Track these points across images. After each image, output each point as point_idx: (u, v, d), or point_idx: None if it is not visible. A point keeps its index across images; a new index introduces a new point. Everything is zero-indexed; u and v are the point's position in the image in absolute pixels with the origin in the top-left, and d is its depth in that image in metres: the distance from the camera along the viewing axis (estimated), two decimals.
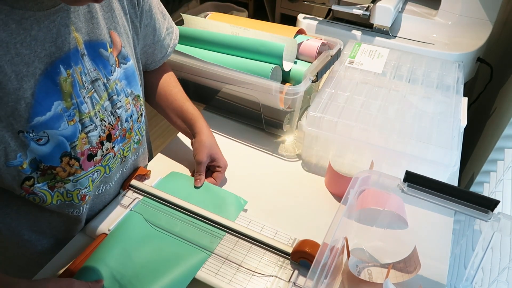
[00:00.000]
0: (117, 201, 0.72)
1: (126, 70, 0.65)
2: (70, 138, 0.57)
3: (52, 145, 0.55)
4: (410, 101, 0.84)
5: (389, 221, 0.67)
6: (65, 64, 0.54)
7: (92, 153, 0.61)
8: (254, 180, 0.82)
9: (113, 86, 0.62)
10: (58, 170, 0.58)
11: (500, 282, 0.64)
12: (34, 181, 0.58)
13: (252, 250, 0.65)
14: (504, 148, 0.90)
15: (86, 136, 0.59)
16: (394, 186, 0.58)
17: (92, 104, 0.59)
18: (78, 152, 0.59)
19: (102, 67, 0.60)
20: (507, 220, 0.53)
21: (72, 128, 0.57)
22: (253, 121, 0.94)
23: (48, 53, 0.52)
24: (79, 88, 0.57)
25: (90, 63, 0.58)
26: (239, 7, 2.74)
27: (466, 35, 1.14)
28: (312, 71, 0.83)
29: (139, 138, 0.74)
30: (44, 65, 0.52)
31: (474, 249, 0.59)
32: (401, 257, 0.64)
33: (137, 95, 0.69)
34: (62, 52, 0.53)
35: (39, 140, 0.54)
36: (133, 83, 0.67)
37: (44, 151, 0.55)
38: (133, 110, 0.68)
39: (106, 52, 0.60)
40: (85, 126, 0.59)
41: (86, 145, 0.60)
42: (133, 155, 0.75)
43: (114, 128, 0.64)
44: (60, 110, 0.55)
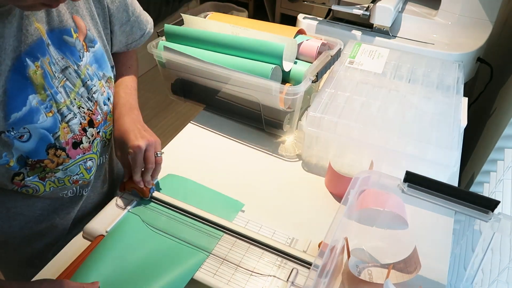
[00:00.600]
0: (114, 202, 0.72)
1: (95, 53, 0.64)
2: (51, 130, 0.57)
3: (35, 139, 0.56)
4: (410, 101, 0.84)
5: (389, 221, 0.67)
6: (31, 56, 0.53)
7: (76, 141, 0.61)
8: (254, 180, 0.81)
9: (85, 72, 0.62)
10: (47, 162, 0.58)
11: (500, 282, 0.63)
12: (24, 176, 0.58)
13: (250, 250, 0.65)
14: (504, 148, 0.90)
15: (67, 125, 0.59)
16: (394, 186, 0.58)
17: (66, 93, 0.59)
18: (62, 142, 0.59)
19: (70, 54, 0.59)
20: (507, 220, 0.53)
21: (51, 120, 0.57)
22: (253, 121, 0.94)
23: (13, 48, 0.51)
24: (51, 79, 0.56)
25: (56, 52, 0.57)
26: (239, 7, 2.74)
27: (466, 35, 1.14)
28: (312, 71, 0.83)
29: None
30: (11, 61, 0.51)
31: (474, 249, 0.59)
32: (401, 257, 0.64)
33: (109, 76, 0.68)
34: (25, 45, 0.53)
35: (21, 137, 0.54)
36: (103, 65, 0.66)
37: (29, 147, 0.55)
38: (108, 92, 0.68)
39: (71, 38, 0.59)
40: (64, 115, 0.59)
41: (69, 134, 0.60)
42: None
43: (95, 113, 0.64)
44: (36, 103, 0.55)
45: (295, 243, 0.67)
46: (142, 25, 0.76)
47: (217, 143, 0.90)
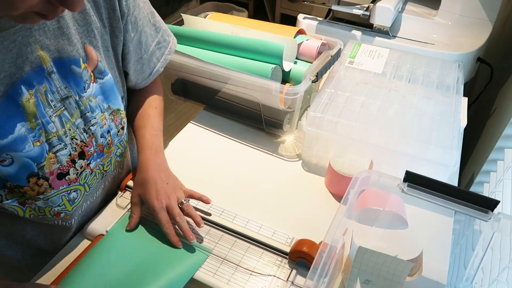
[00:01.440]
0: (114, 202, 0.72)
1: (102, 85, 0.62)
2: (36, 159, 0.55)
3: (17, 166, 0.54)
4: (410, 101, 0.84)
5: (389, 221, 0.67)
6: (26, 84, 0.51)
7: (62, 172, 0.59)
8: (253, 180, 0.81)
9: (86, 103, 0.60)
10: (26, 189, 0.56)
11: (500, 282, 0.64)
12: (2, 198, 0.56)
13: (250, 250, 0.65)
14: (504, 148, 0.90)
15: (55, 155, 0.57)
16: (394, 186, 0.58)
17: (61, 122, 0.57)
18: (46, 172, 0.57)
19: (74, 84, 0.57)
20: (507, 220, 0.53)
21: (38, 149, 0.55)
22: (253, 121, 0.94)
23: (8, 74, 0.49)
24: (43, 108, 0.54)
25: (60, 81, 0.55)
26: (239, 7, 2.74)
27: (466, 35, 1.14)
28: (312, 71, 0.83)
29: (121, 151, 0.72)
30: (4, 87, 0.49)
31: (474, 249, 0.59)
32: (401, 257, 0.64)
33: (116, 109, 0.66)
34: (23, 72, 0.51)
35: (2, 162, 0.52)
36: (111, 97, 0.64)
37: (9, 172, 0.54)
38: (110, 125, 0.66)
39: (78, 68, 0.57)
40: (53, 145, 0.57)
41: (55, 165, 0.58)
42: (116, 169, 0.73)
43: (88, 145, 0.62)
44: (24, 131, 0.53)
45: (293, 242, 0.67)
46: (151, 64, 0.74)
47: (217, 143, 0.90)
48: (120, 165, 0.74)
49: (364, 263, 0.58)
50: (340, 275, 0.63)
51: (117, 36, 0.63)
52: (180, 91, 1.00)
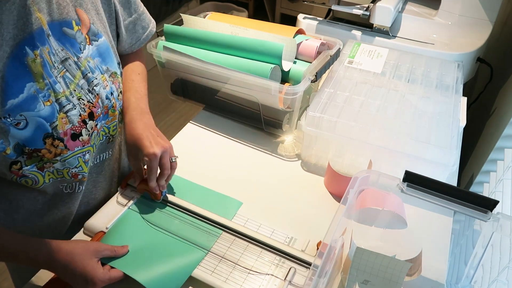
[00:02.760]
0: (115, 199, 0.72)
1: (98, 47, 0.64)
2: (49, 119, 0.57)
3: (32, 127, 0.56)
4: (409, 101, 0.84)
5: (389, 220, 0.67)
6: (30, 45, 0.54)
7: (75, 133, 0.61)
8: (253, 179, 0.81)
9: (85, 64, 0.62)
10: (44, 152, 0.58)
11: (500, 281, 0.63)
12: (22, 165, 0.58)
13: (248, 249, 0.65)
14: (504, 148, 0.90)
15: (66, 115, 0.59)
16: (394, 186, 0.58)
17: (65, 83, 0.59)
18: (60, 132, 0.59)
19: (70, 46, 0.59)
20: (506, 220, 0.53)
21: (49, 109, 0.57)
22: (253, 121, 0.94)
23: (12, 35, 0.52)
24: (50, 68, 0.56)
25: (56, 43, 0.58)
26: (239, 7, 2.74)
27: (466, 35, 1.14)
28: (311, 71, 0.83)
29: (122, 117, 0.73)
30: (10, 48, 0.52)
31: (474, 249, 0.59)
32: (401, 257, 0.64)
33: (113, 72, 0.68)
34: (25, 33, 0.53)
35: (18, 125, 0.54)
36: (108, 59, 0.66)
37: (26, 135, 0.56)
38: (112, 87, 0.68)
39: (71, 30, 0.59)
40: (63, 105, 0.59)
41: (67, 125, 0.60)
42: (120, 135, 0.75)
43: (96, 106, 0.64)
44: (34, 91, 0.55)
45: (293, 242, 0.67)
46: (145, 24, 0.77)
47: (216, 143, 0.90)
48: (122, 132, 0.76)
49: (362, 263, 0.58)
50: (340, 274, 0.63)
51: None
52: (179, 91, 1.00)
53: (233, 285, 0.60)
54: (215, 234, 0.67)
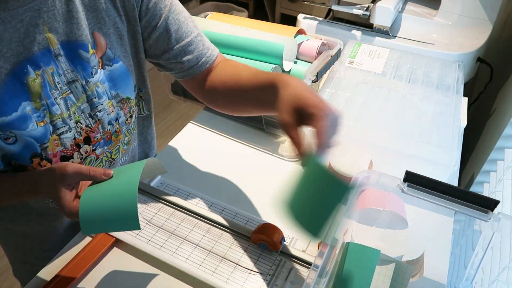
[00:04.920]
0: None
1: (111, 72, 0.62)
2: (40, 140, 0.56)
3: (21, 145, 0.55)
4: (410, 101, 0.84)
5: (389, 221, 0.67)
6: (33, 64, 0.53)
7: (66, 155, 0.60)
8: (253, 179, 0.81)
9: (93, 89, 0.60)
10: (30, 169, 0.58)
11: (500, 282, 0.63)
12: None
13: (249, 249, 0.65)
14: (504, 148, 0.90)
15: (59, 138, 0.58)
16: (394, 186, 0.58)
17: (66, 105, 0.58)
18: (49, 154, 0.58)
19: (81, 69, 0.58)
20: (507, 220, 0.53)
21: (42, 129, 0.56)
22: (253, 121, 0.94)
23: (15, 53, 0.51)
24: (49, 89, 0.55)
25: (66, 64, 0.56)
26: (239, 7, 2.74)
27: (466, 35, 1.14)
28: (312, 71, 0.83)
29: (128, 139, 0.72)
30: (10, 65, 0.51)
31: (474, 249, 0.59)
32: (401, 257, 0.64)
33: (126, 97, 0.66)
34: (30, 52, 0.52)
35: (7, 139, 0.54)
36: (120, 85, 0.64)
37: (13, 150, 0.55)
38: (119, 113, 0.66)
39: (86, 53, 0.58)
40: (57, 127, 0.58)
41: (58, 147, 0.59)
42: (123, 157, 0.73)
43: (94, 131, 0.63)
44: (29, 110, 0.54)
45: (294, 242, 0.67)
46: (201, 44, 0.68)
47: (217, 143, 0.90)
48: (127, 153, 0.75)
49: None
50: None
51: (133, 24, 0.62)
52: (180, 91, 1.00)
53: (234, 285, 0.60)
54: (215, 234, 0.66)
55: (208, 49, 0.68)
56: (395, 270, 0.59)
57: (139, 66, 0.68)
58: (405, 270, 0.57)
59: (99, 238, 0.65)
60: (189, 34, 0.66)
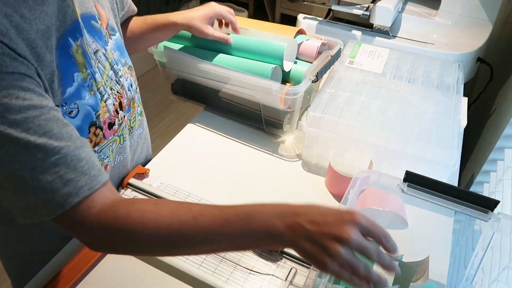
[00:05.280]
0: None
1: (116, 41, 0.67)
2: (94, 107, 0.59)
3: (81, 116, 0.57)
4: (410, 101, 0.84)
5: (389, 221, 0.67)
6: (72, 36, 0.55)
7: (111, 122, 0.63)
8: (253, 180, 0.81)
9: (111, 56, 0.64)
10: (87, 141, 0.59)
11: (500, 282, 0.64)
12: None
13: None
14: (504, 148, 0.90)
15: (106, 104, 0.61)
16: (394, 186, 0.58)
17: (100, 74, 0.61)
18: (101, 121, 0.60)
19: (98, 39, 0.61)
20: (507, 220, 0.53)
21: (94, 98, 0.58)
22: (253, 121, 0.94)
23: (56, 27, 0.53)
24: (90, 59, 0.58)
25: (88, 35, 0.59)
26: (239, 7, 2.74)
27: (466, 35, 1.14)
28: (312, 71, 0.83)
29: (140, 110, 0.75)
30: (56, 39, 0.53)
31: (474, 249, 0.59)
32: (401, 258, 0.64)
33: (130, 65, 0.70)
34: (66, 25, 0.54)
35: (70, 113, 0.55)
36: (124, 53, 0.69)
37: (75, 124, 0.56)
38: (131, 79, 0.69)
39: (97, 24, 0.62)
40: (102, 94, 0.60)
41: (106, 114, 0.61)
42: (138, 128, 0.76)
43: (122, 96, 0.66)
44: (80, 81, 0.56)
45: None
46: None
47: (217, 143, 0.90)
48: (141, 125, 0.77)
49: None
50: None
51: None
52: (180, 91, 1.00)
53: (234, 285, 0.60)
54: None
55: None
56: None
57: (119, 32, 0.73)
58: (408, 269, 0.57)
59: None
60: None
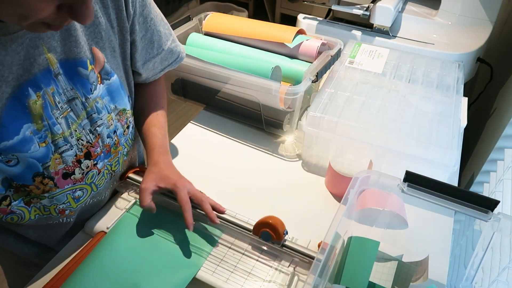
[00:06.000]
0: (113, 202, 0.72)
1: (109, 85, 0.63)
2: (41, 160, 0.56)
3: (23, 166, 0.54)
4: (410, 101, 0.84)
5: (389, 221, 0.67)
6: (34, 86, 0.52)
7: (68, 172, 0.60)
8: (253, 179, 0.81)
9: (92, 105, 0.60)
10: (32, 188, 0.57)
11: (500, 282, 0.63)
12: (11, 200, 0.57)
13: (249, 250, 0.65)
14: (504, 148, 0.90)
15: (60, 156, 0.58)
16: (394, 186, 0.58)
17: (67, 123, 0.57)
18: (51, 172, 0.58)
19: (80, 86, 0.57)
20: (507, 220, 0.53)
21: (44, 150, 0.55)
22: (253, 121, 0.94)
23: (16, 76, 0.50)
24: (51, 110, 0.55)
25: (66, 82, 0.56)
26: (239, 7, 2.74)
27: (466, 35, 1.14)
28: (312, 71, 0.83)
29: (127, 150, 0.72)
30: (12, 89, 0.50)
31: (474, 249, 0.59)
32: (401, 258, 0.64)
33: (122, 109, 0.67)
34: (30, 74, 0.51)
35: (8, 162, 0.53)
36: (117, 98, 0.65)
37: (15, 172, 0.54)
38: (117, 125, 0.66)
39: (85, 70, 0.57)
40: (59, 146, 0.57)
41: (60, 165, 0.58)
42: (123, 168, 0.74)
43: (94, 146, 0.63)
44: (30, 132, 0.53)
45: (294, 242, 0.67)
46: (165, 61, 0.74)
47: (217, 143, 0.90)
48: (128, 164, 0.75)
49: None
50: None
51: (124, 35, 0.63)
52: (180, 91, 1.00)
53: (234, 285, 0.60)
54: (216, 235, 0.67)
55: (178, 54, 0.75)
56: (398, 267, 0.59)
57: (127, 75, 0.69)
58: (408, 269, 0.57)
59: (98, 239, 0.65)
60: (166, 43, 0.72)
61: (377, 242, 0.58)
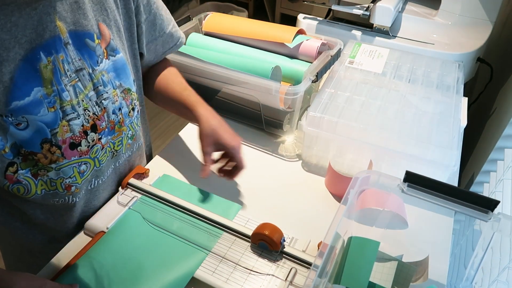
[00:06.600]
0: (115, 199, 0.72)
1: (115, 62, 0.65)
2: (50, 125, 0.57)
3: (32, 130, 0.56)
4: (410, 101, 0.84)
5: (389, 221, 0.67)
6: (45, 51, 0.55)
7: (74, 142, 0.62)
8: (253, 180, 0.81)
9: (99, 77, 0.62)
10: (39, 157, 0.59)
11: (500, 282, 0.64)
12: (18, 167, 0.58)
13: (249, 249, 0.65)
14: (504, 148, 0.90)
15: (68, 124, 0.60)
16: (394, 186, 0.58)
17: (75, 92, 0.60)
18: (59, 140, 0.59)
19: (88, 57, 0.60)
20: (507, 220, 0.53)
21: (52, 115, 0.57)
22: (253, 121, 0.94)
23: (29, 39, 0.52)
24: (60, 76, 0.57)
25: (74, 52, 0.58)
26: (239, 7, 2.74)
27: (466, 35, 1.14)
28: (312, 71, 0.83)
29: (132, 133, 0.73)
30: (25, 51, 0.52)
31: (474, 249, 0.59)
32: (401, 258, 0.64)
33: (127, 88, 0.69)
34: (42, 39, 0.54)
35: (18, 125, 0.55)
36: (122, 75, 0.67)
37: (24, 136, 0.56)
38: (121, 102, 0.68)
39: (92, 42, 0.61)
40: (67, 113, 0.59)
41: (67, 133, 0.60)
42: (127, 151, 0.74)
43: (100, 119, 0.64)
44: (40, 96, 0.55)
45: (294, 242, 0.67)
46: (167, 42, 0.78)
47: None
48: (131, 148, 0.76)
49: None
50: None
51: (130, 17, 0.67)
52: None
53: (234, 285, 0.60)
54: (216, 235, 0.67)
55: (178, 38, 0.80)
56: (398, 267, 0.59)
57: (134, 58, 0.72)
58: (408, 269, 0.57)
59: (98, 239, 0.65)
60: (168, 27, 0.76)
61: (377, 242, 0.58)
